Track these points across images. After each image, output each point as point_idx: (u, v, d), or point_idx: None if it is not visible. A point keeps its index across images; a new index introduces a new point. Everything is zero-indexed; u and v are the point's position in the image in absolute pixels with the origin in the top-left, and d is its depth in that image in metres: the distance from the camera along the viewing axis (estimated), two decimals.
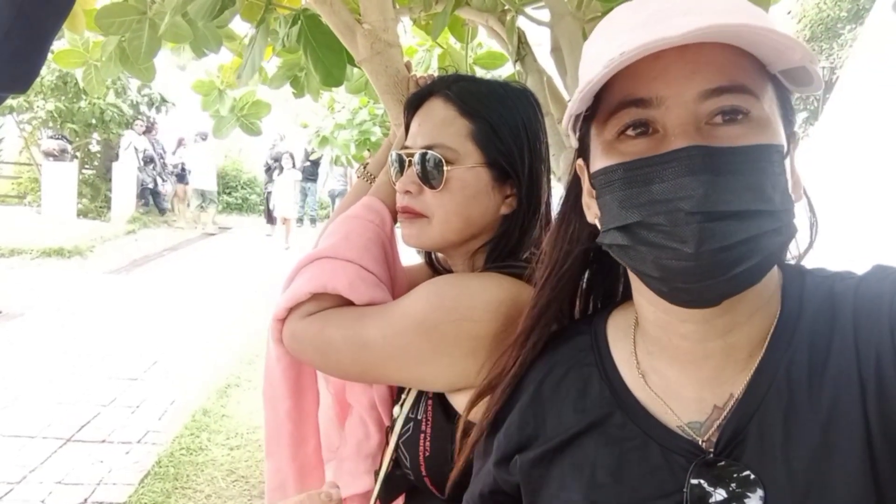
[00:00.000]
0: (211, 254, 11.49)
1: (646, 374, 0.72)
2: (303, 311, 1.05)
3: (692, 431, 0.66)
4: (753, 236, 0.58)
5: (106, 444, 4.14)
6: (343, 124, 5.48)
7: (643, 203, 0.60)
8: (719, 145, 0.58)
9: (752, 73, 0.61)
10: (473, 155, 1.04)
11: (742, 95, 0.59)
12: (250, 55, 1.84)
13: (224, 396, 4.96)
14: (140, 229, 12.74)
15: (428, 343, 0.94)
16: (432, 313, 0.95)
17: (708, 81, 0.59)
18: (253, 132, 3.01)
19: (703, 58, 0.59)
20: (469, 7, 1.79)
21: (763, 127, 0.60)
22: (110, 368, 5.44)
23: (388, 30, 1.27)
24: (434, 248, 1.14)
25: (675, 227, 0.58)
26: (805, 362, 0.64)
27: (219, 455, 4.06)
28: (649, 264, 0.61)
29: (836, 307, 0.66)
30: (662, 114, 0.60)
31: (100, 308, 7.37)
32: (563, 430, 0.73)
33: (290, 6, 1.90)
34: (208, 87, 2.89)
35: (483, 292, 0.96)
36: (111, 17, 1.80)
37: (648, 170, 0.60)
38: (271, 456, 1.20)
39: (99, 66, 2.51)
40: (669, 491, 0.65)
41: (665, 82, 0.60)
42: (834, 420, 0.60)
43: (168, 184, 14.26)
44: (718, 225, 0.57)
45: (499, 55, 2.36)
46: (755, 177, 0.58)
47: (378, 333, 0.97)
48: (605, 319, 0.80)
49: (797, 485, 0.60)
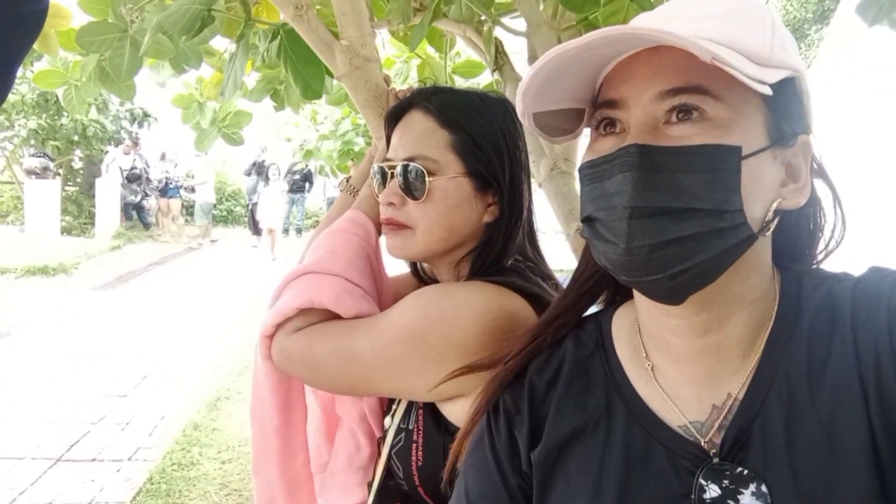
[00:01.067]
0: (197, 267, 11.42)
1: (649, 372, 0.72)
2: (290, 327, 1.06)
3: (694, 431, 0.67)
4: (690, 235, 0.58)
5: (96, 463, 4.10)
6: (326, 135, 5.49)
7: (596, 198, 0.63)
8: (660, 144, 0.59)
9: (717, 74, 0.59)
10: (454, 165, 1.05)
11: (697, 95, 0.60)
12: (231, 71, 1.85)
13: (214, 410, 4.94)
14: (125, 245, 12.65)
15: (416, 354, 0.95)
16: (419, 324, 0.96)
17: (666, 82, 0.61)
18: (235, 142, 3.02)
19: (667, 60, 0.61)
20: (446, 18, 1.82)
21: (718, 127, 0.60)
22: (99, 385, 5.39)
23: (365, 45, 1.29)
24: (419, 258, 1.15)
25: (612, 223, 0.61)
26: (804, 363, 0.64)
27: (211, 469, 4.04)
28: (601, 256, 0.65)
29: (835, 309, 0.66)
30: (626, 114, 0.63)
31: (86, 325, 7.30)
32: (569, 427, 0.73)
33: (270, 21, 1.92)
34: (188, 101, 2.90)
35: (469, 301, 0.97)
36: (92, 36, 1.81)
37: (604, 166, 0.62)
38: (259, 473, 1.20)
39: (79, 85, 2.52)
40: (676, 495, 0.65)
41: (630, 84, 0.63)
42: (836, 422, 0.60)
43: (152, 198, 14.19)
44: (647, 222, 0.59)
45: (477, 64, 2.39)
46: (696, 176, 0.58)
47: (366, 346, 0.98)
48: (610, 317, 0.80)
49: (803, 487, 0.60)
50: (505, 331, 0.95)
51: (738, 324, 0.67)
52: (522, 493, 0.77)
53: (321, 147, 5.36)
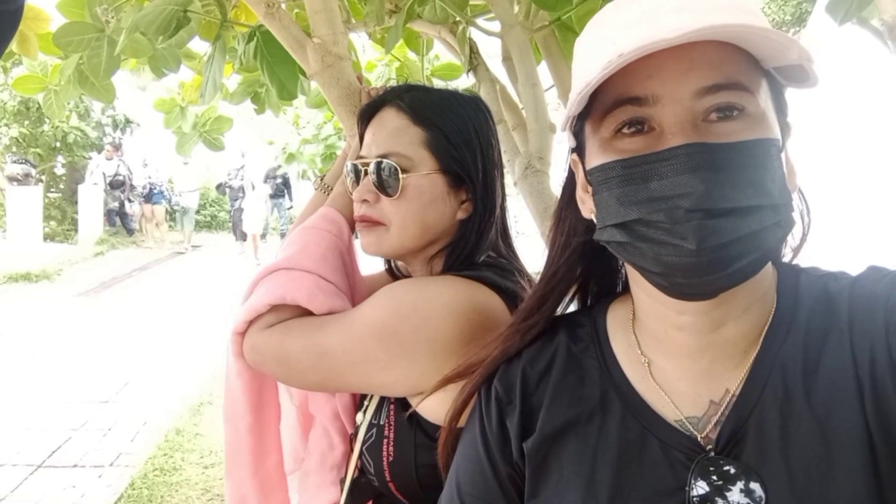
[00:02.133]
0: (181, 272, 11.35)
1: (645, 366, 0.72)
2: (262, 323, 1.06)
3: (690, 426, 0.66)
4: (754, 231, 0.58)
5: (78, 469, 4.07)
6: (309, 139, 5.49)
7: (642, 200, 0.60)
8: (716, 142, 0.58)
9: (747, 69, 0.60)
10: (428, 162, 1.06)
11: (737, 92, 0.59)
12: (210, 73, 1.86)
13: (197, 415, 4.91)
14: (108, 251, 12.56)
15: (386, 349, 0.96)
16: (390, 319, 0.96)
17: (703, 79, 0.59)
18: (216, 147, 3.02)
19: (697, 55, 0.59)
20: (421, 20, 1.84)
21: (758, 122, 0.60)
22: (81, 391, 5.35)
23: (337, 43, 1.30)
24: (393, 255, 1.15)
25: (675, 225, 0.58)
26: (800, 359, 0.64)
27: (193, 474, 4.02)
28: (650, 260, 0.61)
29: (831, 306, 0.66)
30: (658, 112, 0.60)
31: (69, 331, 7.24)
32: (564, 417, 0.72)
33: (247, 23, 1.93)
34: (169, 105, 2.90)
35: (440, 295, 0.98)
36: (69, 36, 1.81)
37: (647, 167, 0.60)
38: (230, 475, 1.18)
39: (58, 90, 2.52)
40: (670, 488, 0.64)
41: (660, 80, 0.60)
42: (832, 418, 0.60)
43: (136, 204, 14.10)
44: (719, 222, 0.57)
45: (456, 67, 2.41)
46: (753, 172, 0.58)
47: (337, 341, 0.98)
48: (605, 311, 0.79)
49: (797, 482, 0.60)
50: (476, 325, 0.95)
51: (748, 319, 0.67)
52: (513, 484, 0.76)
53: (304, 151, 5.36)
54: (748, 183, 0.58)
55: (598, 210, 0.67)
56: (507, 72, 1.79)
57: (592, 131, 0.66)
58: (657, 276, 0.62)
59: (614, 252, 0.67)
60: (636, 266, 0.65)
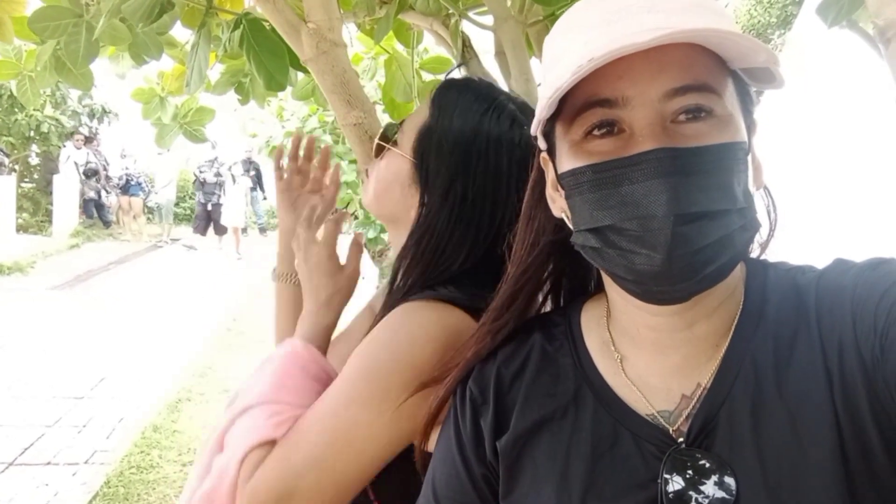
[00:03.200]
0: (159, 266, 11.20)
1: (618, 362, 0.72)
2: (248, 470, 0.90)
3: (662, 420, 0.67)
4: (723, 236, 0.59)
5: (51, 467, 3.99)
6: (292, 132, 5.42)
7: (613, 205, 0.61)
8: (686, 146, 0.59)
9: (714, 70, 0.61)
10: (407, 146, 1.03)
11: (705, 94, 0.60)
12: (195, 61, 1.80)
13: (175, 411, 4.84)
14: (84, 243, 12.37)
15: (373, 398, 0.87)
16: (375, 363, 0.89)
17: (673, 80, 0.59)
18: (197, 139, 2.95)
19: (666, 57, 0.59)
20: (413, 11, 1.80)
21: (726, 124, 0.61)
22: (55, 387, 5.25)
23: (333, 29, 1.26)
24: (370, 211, 1.14)
25: (646, 233, 0.58)
26: (770, 352, 0.65)
27: (171, 472, 3.95)
28: (621, 268, 0.62)
29: (800, 300, 0.67)
30: (628, 114, 0.60)
31: (42, 325, 7.11)
32: (537, 415, 0.73)
33: (232, 10, 1.88)
34: (149, 95, 2.82)
35: (415, 337, 0.90)
36: (45, 21, 1.74)
37: (618, 171, 0.60)
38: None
39: (34, 76, 2.44)
40: (643, 480, 0.65)
41: (630, 82, 0.60)
42: (802, 410, 0.61)
43: (112, 196, 13.89)
44: (689, 228, 0.58)
45: (446, 60, 2.37)
46: (722, 176, 0.59)
47: (328, 440, 0.88)
48: (580, 310, 0.80)
49: (769, 472, 0.60)
50: (451, 349, 0.89)
51: (719, 315, 0.68)
52: (487, 484, 0.76)
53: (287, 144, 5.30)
54: (716, 187, 0.59)
55: (572, 214, 0.68)
56: (499, 66, 1.76)
57: (563, 133, 0.66)
58: (630, 283, 0.63)
59: (588, 258, 0.67)
60: (609, 273, 0.66)
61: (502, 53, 1.70)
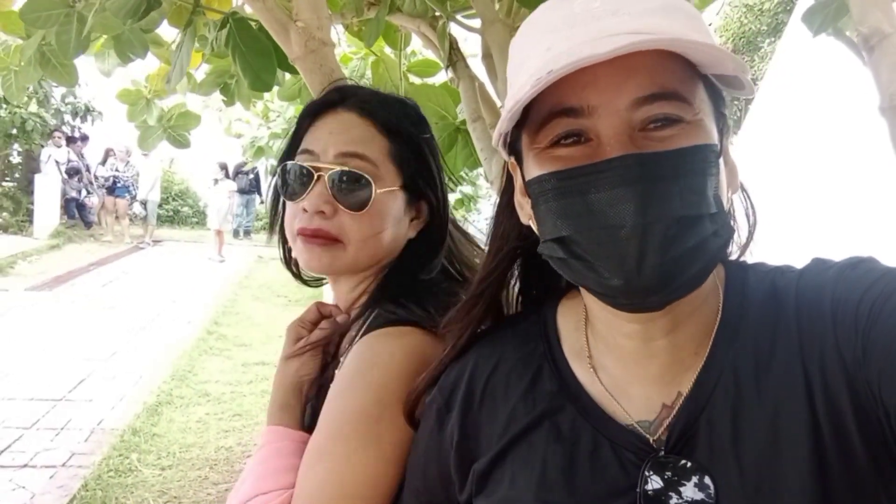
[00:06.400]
0: (141, 268, 11.09)
1: (596, 370, 0.70)
2: None
3: (642, 430, 0.66)
4: (695, 244, 0.57)
5: (28, 469, 3.93)
6: (278, 133, 5.39)
7: (580, 213, 0.59)
8: (653, 150, 0.57)
9: (683, 76, 0.59)
10: (392, 176, 0.98)
11: (674, 102, 0.58)
12: (178, 58, 1.80)
13: (155, 415, 4.78)
14: (65, 244, 12.22)
15: (361, 456, 0.85)
16: (363, 402, 0.87)
17: (639, 89, 0.58)
18: (181, 145, 2.93)
19: (633, 63, 0.57)
20: (401, 13, 1.80)
21: (695, 128, 0.59)
22: (32, 389, 5.17)
23: (322, 28, 1.26)
24: (340, 274, 1.03)
25: (612, 244, 0.57)
26: (751, 357, 0.64)
27: (149, 476, 3.91)
28: (589, 280, 0.61)
29: (779, 302, 0.66)
30: (595, 123, 0.58)
31: (21, 326, 7.01)
32: (514, 425, 0.71)
33: (219, 9, 1.87)
34: (135, 97, 2.79)
35: (388, 371, 0.87)
36: (37, 12, 1.73)
37: (583, 179, 0.58)
38: None
39: (18, 70, 2.41)
40: (622, 489, 0.64)
41: (596, 90, 0.58)
42: (781, 414, 0.60)
43: (94, 196, 13.74)
44: (659, 238, 0.56)
45: (433, 63, 2.37)
46: (692, 179, 0.58)
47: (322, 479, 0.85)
48: (555, 309, 0.78)
49: (748, 478, 0.59)
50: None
51: (697, 321, 0.67)
52: (460, 492, 0.74)
53: (273, 145, 5.26)
54: (687, 191, 0.57)
55: (538, 224, 0.66)
56: (486, 69, 1.76)
57: (529, 141, 0.64)
58: (600, 296, 0.62)
59: (556, 269, 0.65)
60: (579, 284, 0.64)
61: (489, 56, 1.70)
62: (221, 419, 4.79)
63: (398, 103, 1.03)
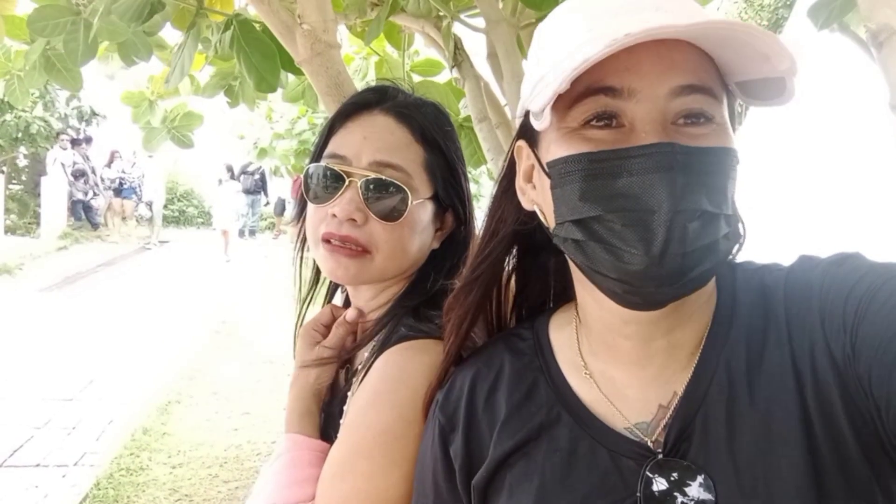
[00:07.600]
0: (148, 268, 11.14)
1: (591, 376, 0.70)
2: None
3: (640, 432, 0.66)
4: (712, 241, 0.58)
5: (41, 469, 3.96)
6: (282, 134, 5.40)
7: (607, 196, 0.58)
8: (692, 144, 0.57)
9: (717, 78, 0.61)
10: (426, 187, 0.95)
11: (709, 98, 0.59)
12: (179, 59, 1.81)
13: (165, 413, 4.82)
14: (72, 245, 12.28)
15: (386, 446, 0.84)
16: (387, 421, 0.85)
17: (680, 78, 0.58)
18: (185, 145, 2.95)
19: (676, 55, 0.58)
20: (405, 13, 1.80)
21: (724, 131, 0.60)
22: (44, 389, 5.21)
23: (328, 30, 1.26)
24: (365, 284, 1.00)
25: (641, 228, 0.57)
26: (743, 356, 0.64)
27: (160, 474, 3.93)
28: (605, 264, 0.60)
29: (768, 300, 0.66)
30: (631, 107, 0.58)
31: (31, 327, 7.05)
32: (512, 438, 0.70)
33: (223, 11, 1.88)
34: (138, 99, 2.81)
35: (412, 389, 0.85)
36: (44, 20, 1.74)
37: (617, 162, 0.58)
38: None
39: (23, 75, 2.42)
40: (621, 497, 0.64)
41: (638, 75, 0.58)
42: (773, 412, 0.61)
43: (101, 197, 13.79)
44: (685, 227, 0.56)
45: (436, 63, 2.37)
46: (720, 179, 0.59)
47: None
48: (547, 322, 0.78)
49: (744, 477, 0.60)
50: None
51: (694, 321, 0.67)
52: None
53: (276, 146, 5.26)
54: (714, 189, 0.58)
55: (556, 205, 0.64)
56: (491, 68, 1.77)
57: (557, 119, 0.62)
58: (612, 283, 0.60)
59: (569, 254, 0.65)
60: (591, 270, 0.63)
61: (494, 56, 1.70)
62: (230, 417, 4.82)
63: (434, 108, 1.01)
